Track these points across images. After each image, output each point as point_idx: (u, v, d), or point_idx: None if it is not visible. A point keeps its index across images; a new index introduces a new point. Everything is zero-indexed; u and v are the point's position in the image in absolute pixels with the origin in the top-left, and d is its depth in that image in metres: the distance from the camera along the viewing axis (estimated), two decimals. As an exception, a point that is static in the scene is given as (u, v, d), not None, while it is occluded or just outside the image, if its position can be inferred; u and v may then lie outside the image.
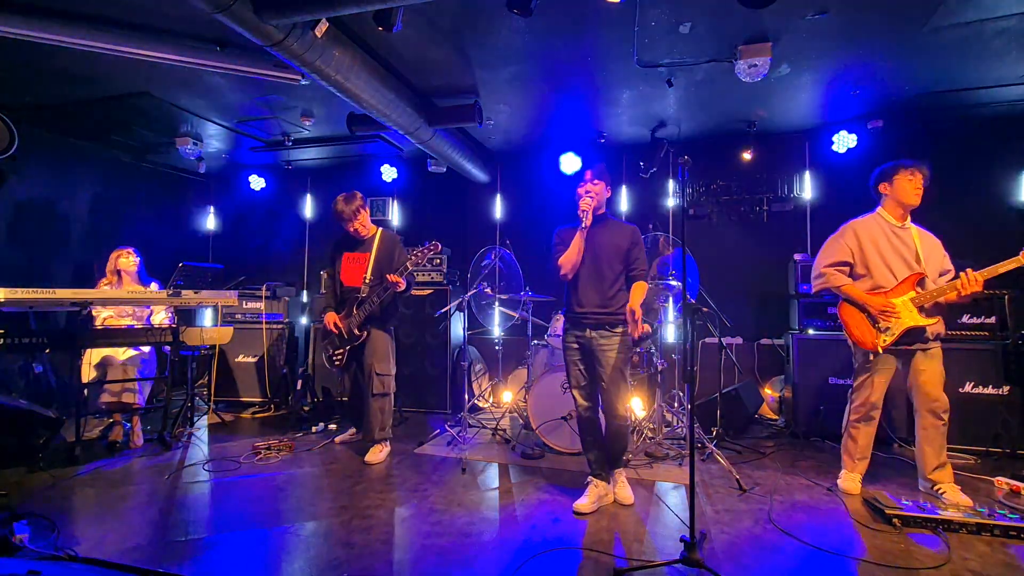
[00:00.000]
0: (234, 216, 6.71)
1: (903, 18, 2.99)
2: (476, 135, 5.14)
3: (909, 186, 2.82)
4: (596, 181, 2.76)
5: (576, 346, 2.78)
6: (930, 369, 2.75)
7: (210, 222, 6.78)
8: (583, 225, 2.70)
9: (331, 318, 3.48)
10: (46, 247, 5.03)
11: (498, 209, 5.81)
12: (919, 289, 2.76)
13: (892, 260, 2.81)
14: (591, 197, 2.73)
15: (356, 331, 3.41)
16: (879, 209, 2.95)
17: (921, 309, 2.73)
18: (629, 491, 2.80)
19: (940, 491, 2.77)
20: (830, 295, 3.13)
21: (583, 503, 2.67)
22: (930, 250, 2.84)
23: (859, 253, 2.87)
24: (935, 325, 2.74)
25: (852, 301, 2.85)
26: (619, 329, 2.71)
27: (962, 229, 4.39)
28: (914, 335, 2.75)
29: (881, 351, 2.76)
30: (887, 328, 2.75)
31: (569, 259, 2.72)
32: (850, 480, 2.92)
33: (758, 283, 4.94)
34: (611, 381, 2.69)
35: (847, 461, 2.97)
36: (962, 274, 2.64)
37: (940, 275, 2.83)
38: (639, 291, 2.69)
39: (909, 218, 2.91)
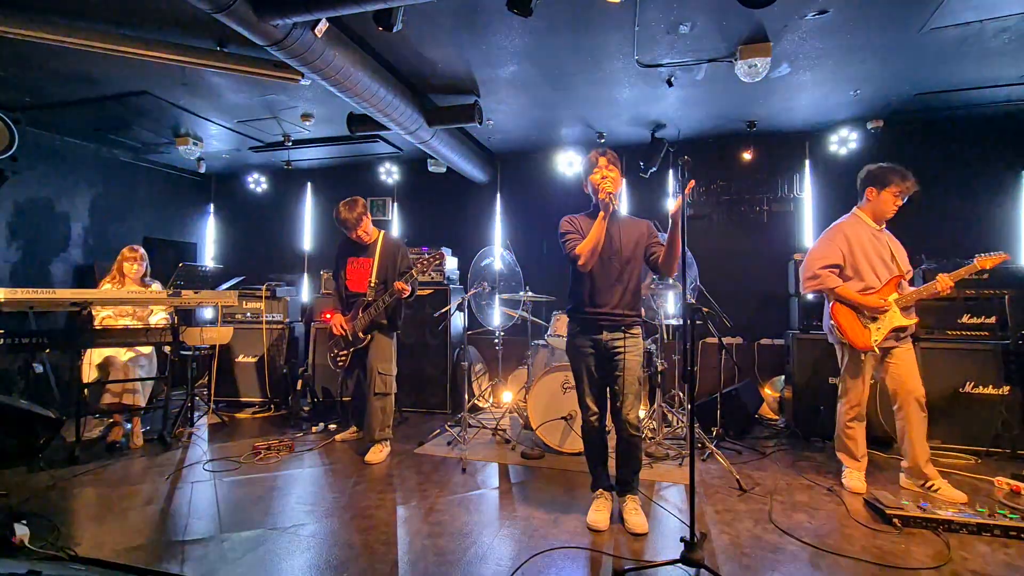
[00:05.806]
0: (234, 216, 6.72)
1: (903, 18, 2.99)
2: (476, 135, 5.13)
3: (892, 203, 2.90)
4: (611, 167, 2.45)
5: (591, 350, 2.51)
6: (907, 361, 2.83)
7: (210, 222, 6.78)
8: (609, 209, 2.34)
9: (337, 320, 3.53)
10: (46, 247, 5.03)
11: (498, 209, 5.81)
12: (900, 290, 2.86)
13: (876, 262, 2.89)
14: (611, 181, 2.41)
15: (361, 334, 3.45)
16: (857, 210, 3.00)
17: (902, 309, 2.83)
18: (643, 518, 2.46)
19: (934, 487, 2.78)
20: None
21: (600, 520, 2.46)
22: (900, 254, 2.95)
23: (849, 256, 2.91)
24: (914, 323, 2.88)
25: (846, 302, 2.88)
26: (636, 331, 2.50)
27: (961, 228, 4.40)
28: (894, 332, 2.84)
29: (876, 349, 2.81)
30: (878, 328, 2.82)
31: (588, 247, 2.35)
32: (857, 479, 2.92)
33: (758, 283, 4.94)
34: (629, 387, 2.44)
35: (849, 460, 2.97)
36: (940, 276, 2.77)
37: None
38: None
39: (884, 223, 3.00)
